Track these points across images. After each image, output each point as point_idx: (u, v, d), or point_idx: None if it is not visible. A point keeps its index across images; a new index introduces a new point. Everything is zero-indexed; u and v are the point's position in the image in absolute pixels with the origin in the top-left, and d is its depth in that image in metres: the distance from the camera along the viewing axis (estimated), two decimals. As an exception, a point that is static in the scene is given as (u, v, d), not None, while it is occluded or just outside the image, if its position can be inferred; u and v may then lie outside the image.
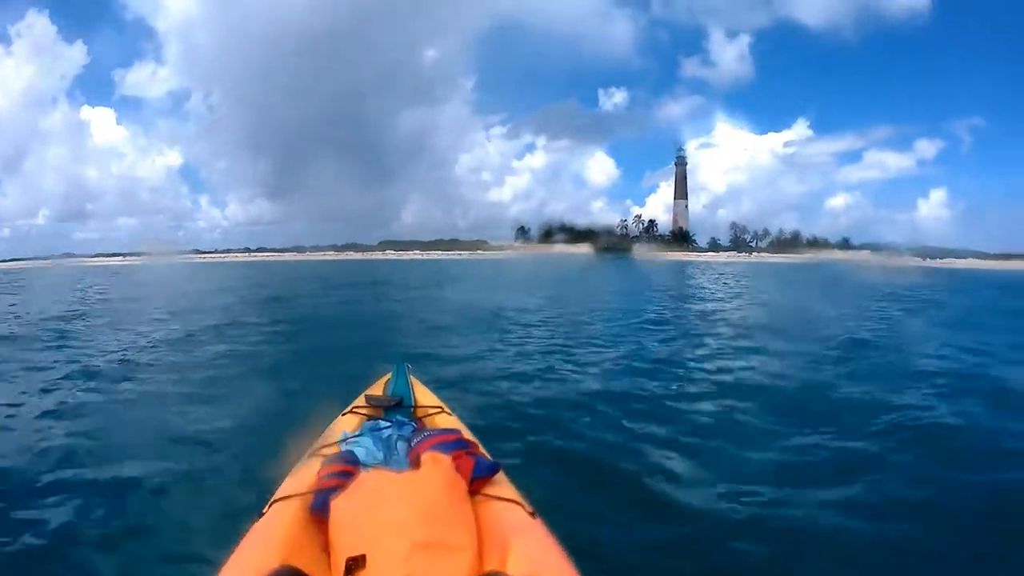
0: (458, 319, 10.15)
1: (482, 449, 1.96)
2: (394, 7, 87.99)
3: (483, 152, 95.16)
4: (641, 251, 76.64)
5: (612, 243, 77.45)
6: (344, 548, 1.20)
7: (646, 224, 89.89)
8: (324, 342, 8.01)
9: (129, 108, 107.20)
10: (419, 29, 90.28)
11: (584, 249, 71.16)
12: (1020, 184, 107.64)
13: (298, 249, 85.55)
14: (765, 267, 45.16)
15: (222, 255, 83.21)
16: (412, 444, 1.95)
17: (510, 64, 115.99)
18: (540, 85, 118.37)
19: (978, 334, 8.44)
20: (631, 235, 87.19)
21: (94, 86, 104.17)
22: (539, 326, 9.20)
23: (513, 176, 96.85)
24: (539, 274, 27.84)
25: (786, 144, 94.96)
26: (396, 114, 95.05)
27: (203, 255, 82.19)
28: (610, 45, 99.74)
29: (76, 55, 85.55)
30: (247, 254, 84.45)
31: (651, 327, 9.01)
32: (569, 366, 6.06)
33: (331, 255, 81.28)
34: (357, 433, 2.12)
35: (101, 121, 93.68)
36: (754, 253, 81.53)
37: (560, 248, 73.37)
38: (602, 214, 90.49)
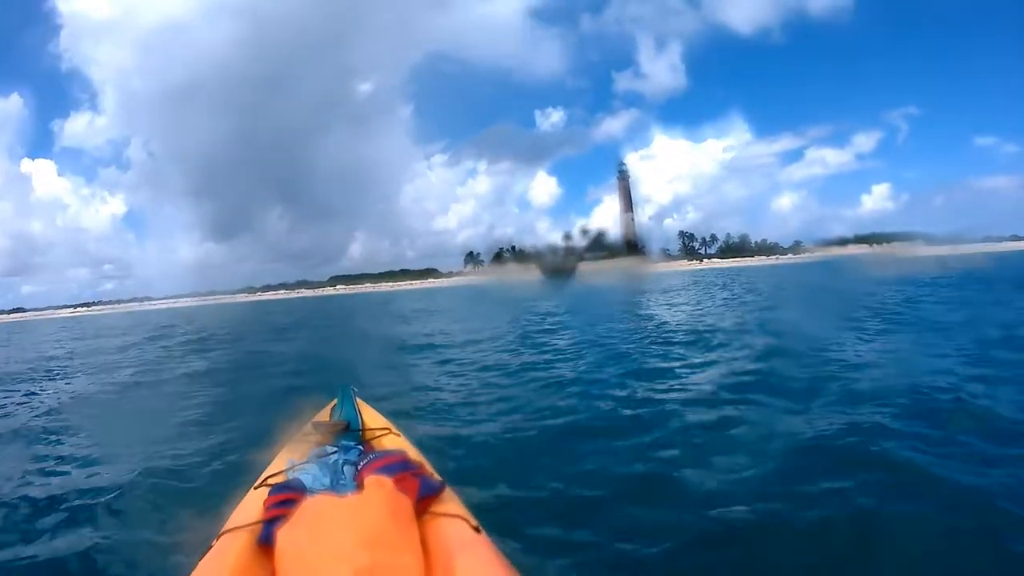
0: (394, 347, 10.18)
1: (429, 468, 1.99)
2: (324, 46, 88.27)
3: (426, 182, 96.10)
4: (586, 266, 77.43)
5: (557, 265, 77.74)
6: None
7: (594, 235, 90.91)
8: (264, 380, 7.84)
9: (69, 159, 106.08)
10: (351, 65, 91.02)
11: (534, 272, 71.47)
12: (959, 166, 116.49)
13: (249, 290, 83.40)
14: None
15: (172, 301, 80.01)
16: (359, 467, 1.95)
17: (446, 92, 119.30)
18: (477, 111, 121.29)
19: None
20: (576, 249, 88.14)
21: (33, 138, 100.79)
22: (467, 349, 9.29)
23: (457, 203, 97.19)
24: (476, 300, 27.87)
25: (726, 149, 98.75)
26: (336, 150, 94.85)
27: (154, 302, 79.07)
28: (542, 66, 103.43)
29: (12, 107, 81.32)
30: (198, 299, 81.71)
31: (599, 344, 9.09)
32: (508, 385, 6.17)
33: (283, 294, 79.33)
34: (304, 460, 2.13)
35: (42, 173, 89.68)
36: (704, 260, 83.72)
37: (511, 273, 73.40)
38: (549, 234, 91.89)
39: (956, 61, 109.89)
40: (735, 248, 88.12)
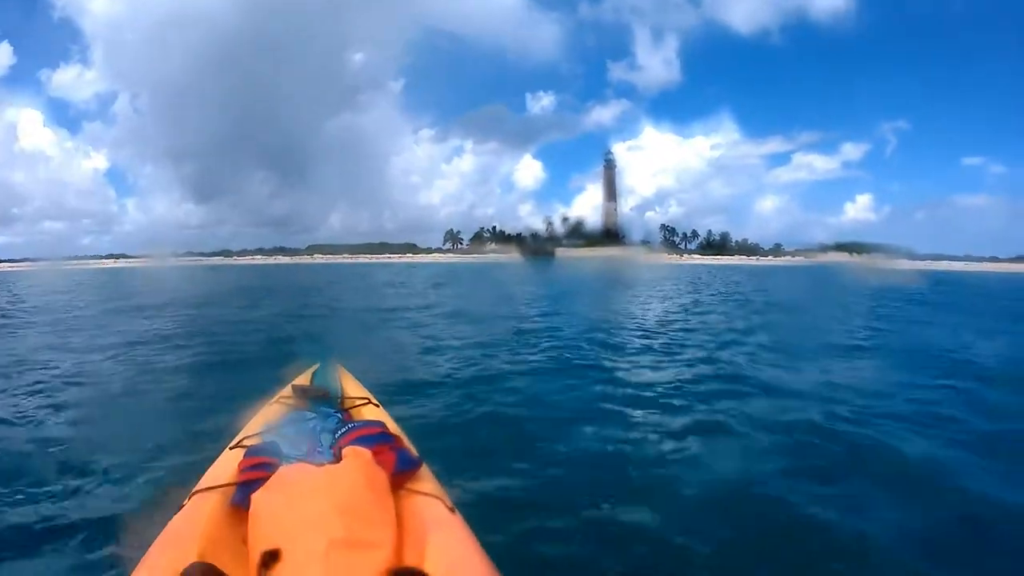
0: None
1: (407, 443, 1.98)
2: (322, 14, 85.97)
3: (412, 155, 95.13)
4: (564, 252, 77.48)
5: (537, 248, 77.85)
6: (262, 543, 1.19)
7: (572, 223, 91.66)
8: (244, 343, 7.77)
9: (56, 109, 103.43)
10: (347, 34, 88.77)
11: (514, 255, 71.50)
12: (944, 184, 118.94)
13: (225, 253, 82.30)
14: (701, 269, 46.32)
15: (143, 260, 78.23)
16: (336, 436, 1.94)
17: (438, 68, 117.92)
18: (468, 89, 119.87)
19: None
20: (556, 236, 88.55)
21: (21, 86, 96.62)
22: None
23: (442, 179, 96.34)
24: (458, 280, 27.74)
25: (713, 147, 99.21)
26: (324, 118, 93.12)
27: (130, 259, 77.25)
28: (537, 50, 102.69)
29: (2, 55, 77.75)
30: (176, 259, 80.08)
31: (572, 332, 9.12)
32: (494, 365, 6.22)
33: (259, 259, 78.14)
34: (281, 424, 2.11)
35: (28, 122, 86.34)
36: (684, 255, 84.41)
37: (491, 255, 73.22)
38: (530, 218, 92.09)
39: (949, 80, 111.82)
40: (715, 245, 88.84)
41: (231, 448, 1.93)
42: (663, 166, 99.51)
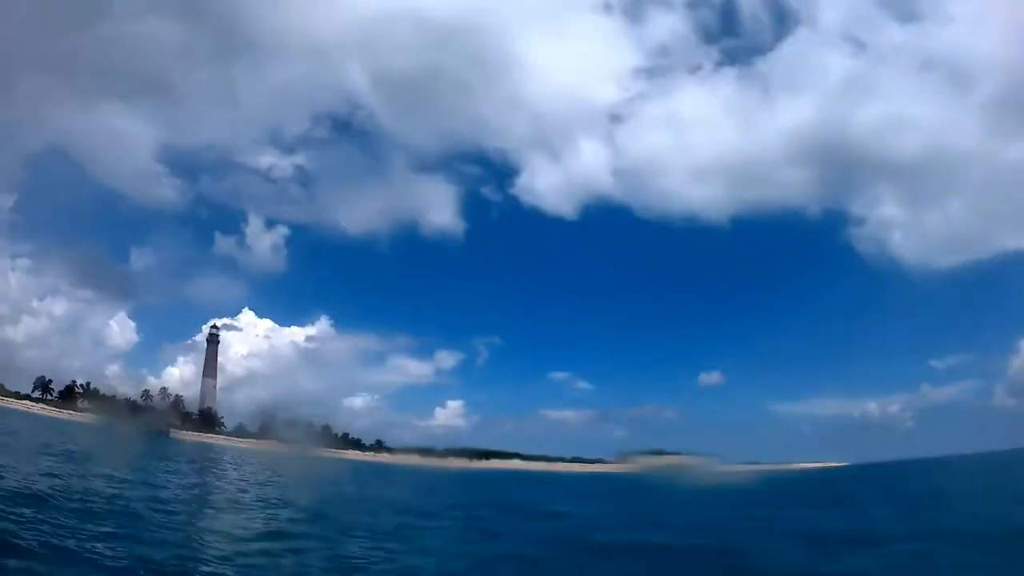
0: None
1: None
2: None
3: (4, 282, 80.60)
4: (181, 433, 71.83)
5: (153, 421, 70.70)
6: None
7: (173, 399, 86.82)
8: None
9: None
10: None
11: (116, 421, 61.27)
12: (533, 396, 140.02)
13: None
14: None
15: None
16: None
17: (55, 195, 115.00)
18: (78, 225, 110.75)
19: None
20: (159, 410, 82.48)
21: None
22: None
23: (31, 317, 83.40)
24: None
25: (308, 339, 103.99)
26: None
27: None
28: (154, 206, 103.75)
29: None
30: None
31: None
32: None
33: None
34: None
35: None
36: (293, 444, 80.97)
37: (88, 415, 63.77)
38: (117, 380, 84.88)
39: (544, 300, 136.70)
40: (316, 435, 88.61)
41: None
42: (258, 348, 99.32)
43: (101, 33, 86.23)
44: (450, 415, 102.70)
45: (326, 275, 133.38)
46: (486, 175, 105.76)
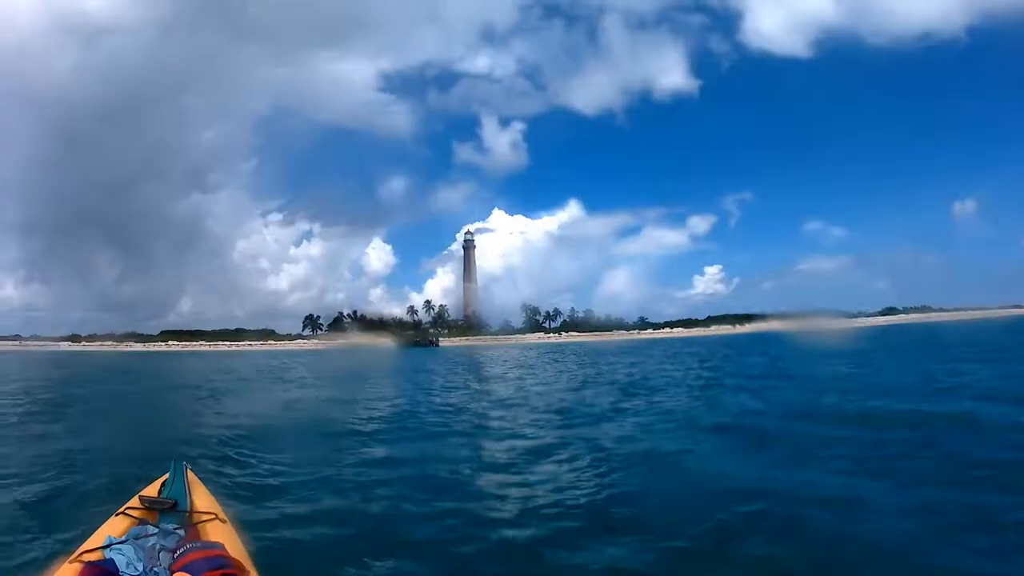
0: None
1: (248, 566, 2.00)
2: (167, 87, 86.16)
3: (260, 239, 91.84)
4: (449, 340, 75.46)
5: (418, 336, 75.46)
6: None
7: (437, 310, 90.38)
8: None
9: None
10: (195, 112, 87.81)
11: (386, 341, 69.78)
12: (789, 249, 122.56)
13: (73, 338, 74.72)
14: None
15: None
16: (174, 556, 2.00)
17: (288, 149, 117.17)
18: (317, 171, 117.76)
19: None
20: (421, 322, 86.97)
21: None
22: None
23: (290, 264, 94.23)
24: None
25: (560, 226, 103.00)
26: (173, 198, 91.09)
27: None
28: (387, 133, 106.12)
29: None
30: (17, 343, 72.56)
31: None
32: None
33: (109, 345, 71.07)
34: (122, 539, 2.17)
35: None
36: (564, 334, 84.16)
37: (362, 340, 69.25)
38: (381, 303, 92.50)
39: (789, 148, 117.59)
40: (579, 322, 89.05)
41: (69, 561, 2.02)
42: (512, 246, 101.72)
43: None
44: (708, 282, 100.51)
45: (568, 160, 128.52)
46: (710, 23, 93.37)
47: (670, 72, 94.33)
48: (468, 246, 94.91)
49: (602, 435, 7.03)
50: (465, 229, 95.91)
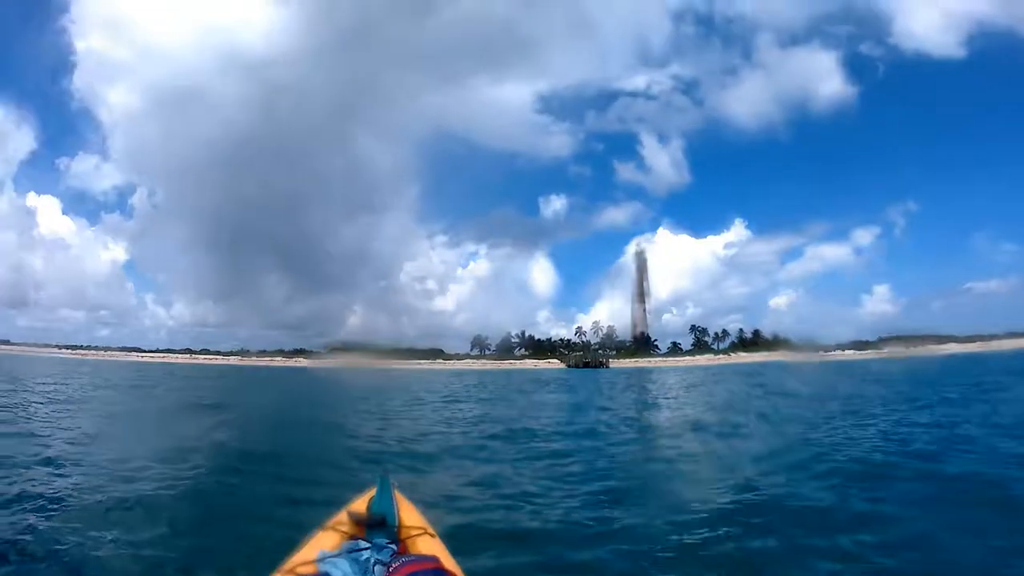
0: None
1: None
2: (333, 114, 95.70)
3: (427, 261, 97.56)
4: (618, 362, 73.87)
5: (589, 358, 74.07)
6: None
7: (605, 330, 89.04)
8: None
9: (73, 198, 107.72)
10: (359, 137, 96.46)
11: (553, 363, 69.18)
12: (954, 262, 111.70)
13: (243, 353, 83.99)
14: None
15: (163, 355, 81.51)
16: (390, 570, 1.90)
17: (450, 172, 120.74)
18: (480, 193, 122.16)
19: None
20: (590, 344, 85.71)
21: (39, 173, 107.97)
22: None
23: (456, 284, 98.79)
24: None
25: (726, 246, 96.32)
26: (340, 221, 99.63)
27: (143, 354, 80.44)
28: (546, 155, 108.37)
29: (23, 140, 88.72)
30: (189, 356, 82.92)
31: None
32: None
33: (279, 360, 79.07)
34: (335, 553, 2.06)
35: (46, 209, 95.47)
36: (732, 354, 79.21)
37: (526, 363, 71.15)
38: (547, 324, 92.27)
39: (952, 152, 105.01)
40: (749, 343, 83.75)
41: (283, 574, 1.88)
42: (678, 267, 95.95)
43: (449, 17, 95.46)
44: (877, 301, 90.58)
45: (730, 176, 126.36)
46: (860, 32, 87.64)
47: (826, 80, 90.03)
48: (639, 261, 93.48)
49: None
50: (635, 242, 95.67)
